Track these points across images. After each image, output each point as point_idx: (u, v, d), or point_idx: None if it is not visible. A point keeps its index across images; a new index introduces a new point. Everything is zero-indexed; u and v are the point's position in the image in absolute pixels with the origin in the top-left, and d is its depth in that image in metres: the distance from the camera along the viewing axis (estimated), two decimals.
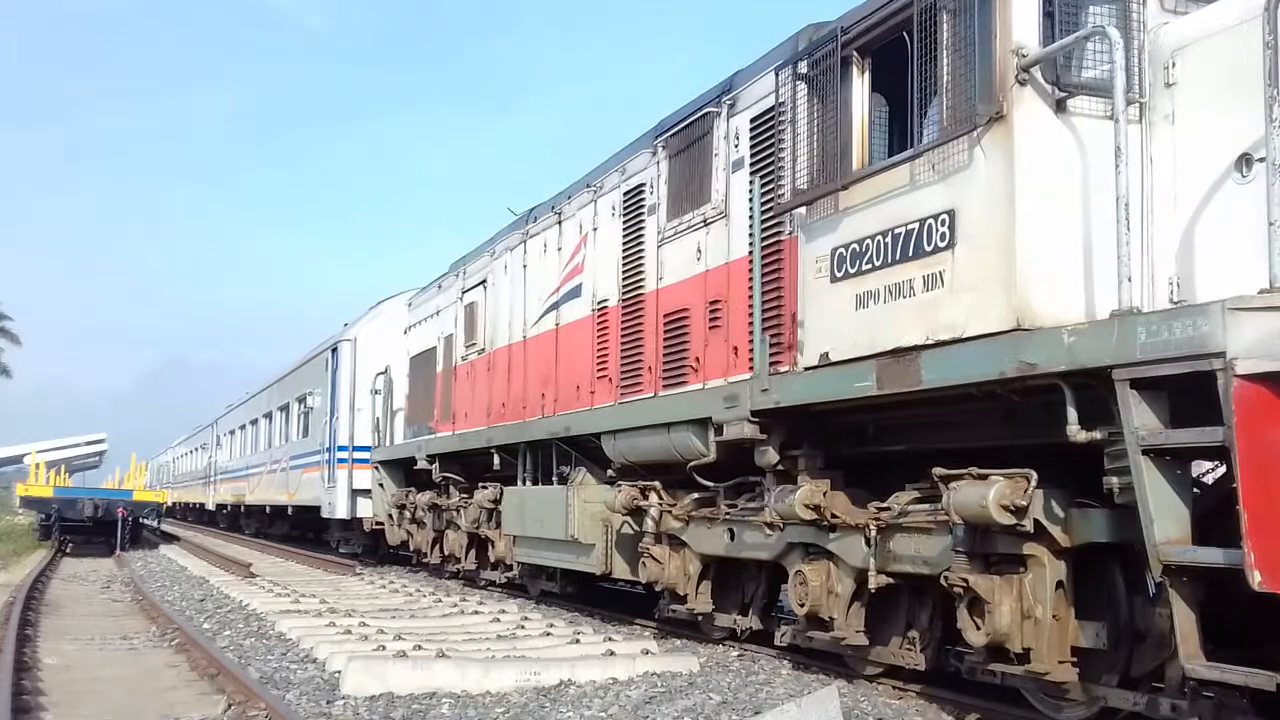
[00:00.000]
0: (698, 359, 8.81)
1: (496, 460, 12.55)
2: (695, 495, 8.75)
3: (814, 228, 6.80)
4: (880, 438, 7.10)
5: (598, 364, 10.61)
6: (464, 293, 14.97)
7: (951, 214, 5.63)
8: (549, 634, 9.56)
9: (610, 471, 10.00)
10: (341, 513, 18.87)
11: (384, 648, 8.44)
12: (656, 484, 9.16)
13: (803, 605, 7.29)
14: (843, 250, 6.48)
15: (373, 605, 12.39)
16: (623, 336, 10.08)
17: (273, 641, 9.60)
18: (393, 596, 13.66)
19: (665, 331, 9.31)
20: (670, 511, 8.97)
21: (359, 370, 19.15)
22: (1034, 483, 5.41)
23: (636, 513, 9.45)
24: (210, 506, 38.46)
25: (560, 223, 11.84)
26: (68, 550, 24.61)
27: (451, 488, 14.78)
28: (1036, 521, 5.50)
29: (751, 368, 7.97)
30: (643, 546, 9.23)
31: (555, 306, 11.79)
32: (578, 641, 9.05)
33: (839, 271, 6.51)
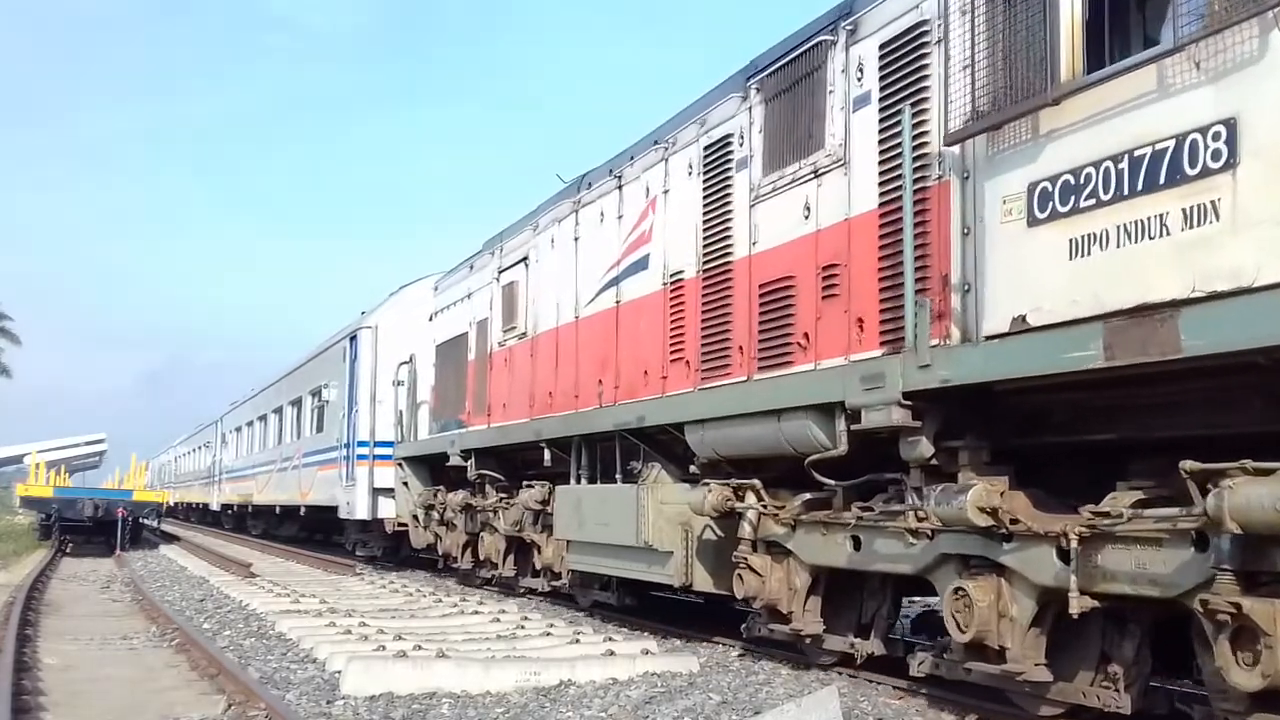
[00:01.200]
0: (806, 335, 7.46)
1: (547, 456, 11.18)
2: (807, 496, 7.38)
3: (999, 161, 5.44)
4: (1073, 425, 5.73)
5: (672, 345, 9.25)
6: (500, 272, 13.61)
7: (1230, 124, 4.27)
8: (549, 634, 9.44)
9: (693, 468, 8.63)
10: (361, 513, 17.50)
11: (384, 648, 8.34)
12: (756, 482, 7.80)
13: (964, 630, 5.93)
14: (1047, 184, 5.11)
15: (373, 605, 12.22)
16: (704, 312, 8.72)
17: (273, 641, 9.52)
18: (393, 596, 13.47)
19: (761, 304, 7.96)
20: (775, 515, 7.61)
21: (380, 360, 17.78)
22: None
23: (728, 516, 8.09)
24: (215, 507, 37.07)
25: (621, 187, 10.47)
26: (68, 550, 24.35)
27: (488, 486, 13.42)
28: None
29: (883, 343, 6.65)
30: (738, 556, 7.86)
31: (615, 282, 10.43)
32: (578, 641, 8.95)
33: (1041, 211, 5.14)
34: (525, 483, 11.99)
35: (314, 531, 28.30)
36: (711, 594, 9.03)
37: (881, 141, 6.81)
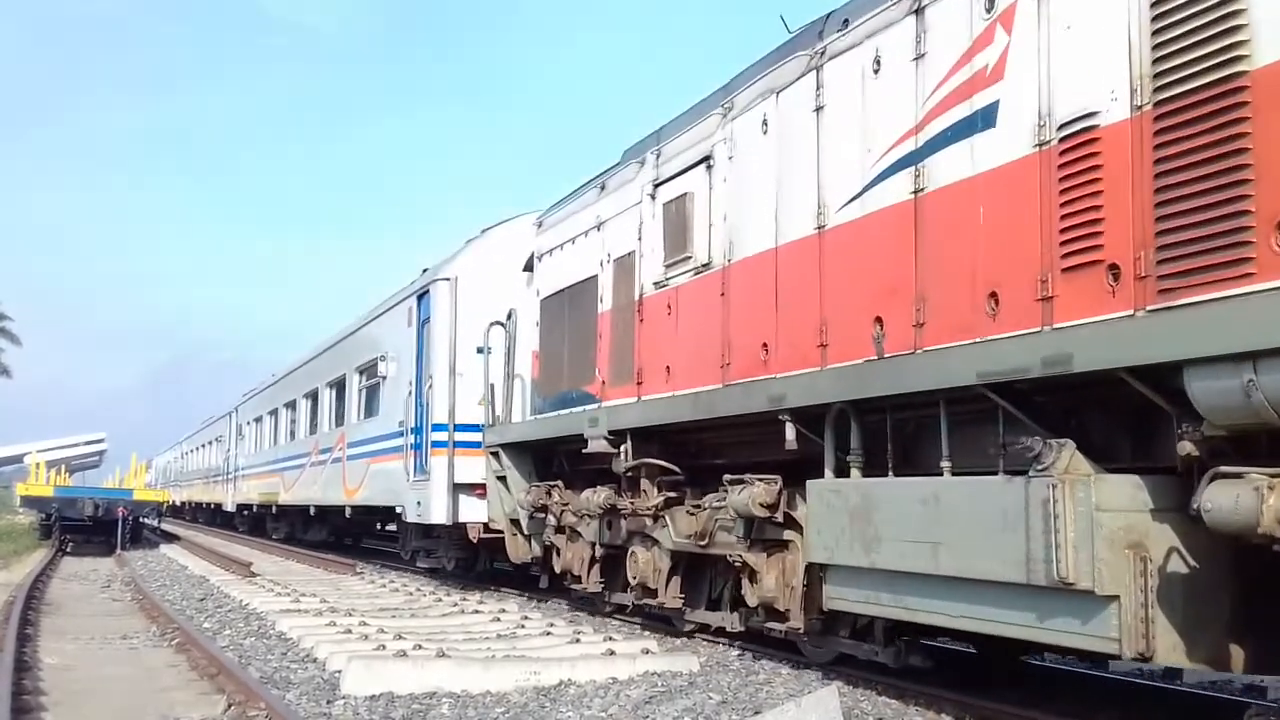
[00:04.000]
0: None
1: (790, 434, 7.31)
2: None
3: None
4: None
5: (1066, 241, 5.46)
6: (657, 185, 9.81)
7: None
8: (549, 634, 9.34)
9: (1186, 445, 4.79)
10: (439, 516, 13.60)
11: (384, 647, 8.30)
12: None
13: None
14: None
15: (373, 605, 12.13)
16: (1167, 173, 4.92)
17: (273, 641, 9.45)
18: (393, 596, 13.30)
19: None
20: None
21: (460, 321, 13.90)
22: None
23: None
24: (229, 507, 33.10)
25: (920, 10, 6.65)
26: (68, 550, 24.27)
27: (645, 482, 9.62)
28: None
29: None
30: None
31: (910, 162, 6.64)
32: (578, 641, 8.85)
33: None
34: (728, 477, 8.13)
35: (343, 536, 24.82)
36: (1194, 669, 5.24)
37: None
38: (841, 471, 7.11)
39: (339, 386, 19.78)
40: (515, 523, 12.39)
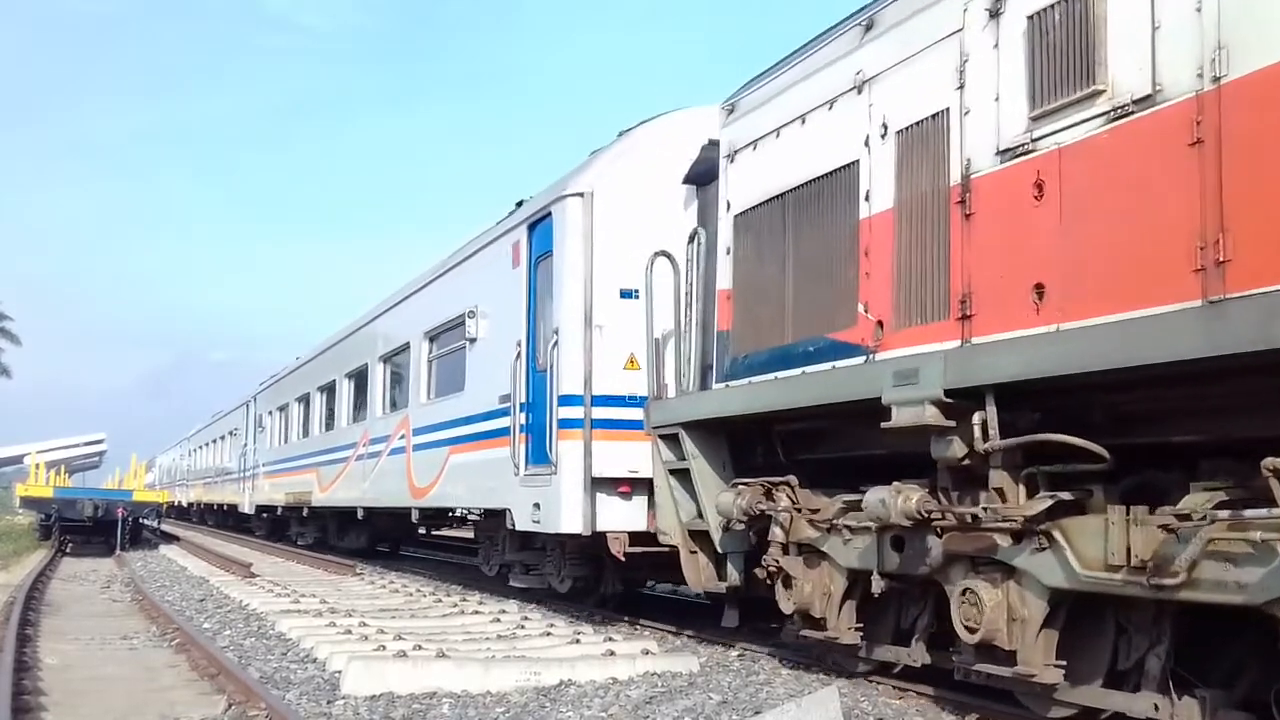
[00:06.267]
0: None
1: None
2: None
3: None
4: None
5: None
6: None
7: None
8: (549, 634, 9.18)
9: None
10: (571, 522, 9.59)
11: (384, 648, 8.25)
12: None
13: None
14: None
15: (373, 605, 11.91)
16: None
17: (273, 641, 9.39)
18: (393, 596, 13.04)
19: None
20: None
21: (598, 253, 10.07)
22: None
23: None
24: (246, 509, 29.04)
25: None
26: (68, 550, 24.19)
27: (1001, 474, 5.81)
28: None
29: None
30: None
31: None
32: (578, 641, 8.71)
33: None
34: (1272, 462, 4.33)
35: (379, 541, 21.51)
36: None
37: None
38: None
39: (397, 360, 15.91)
40: (697, 535, 8.61)
